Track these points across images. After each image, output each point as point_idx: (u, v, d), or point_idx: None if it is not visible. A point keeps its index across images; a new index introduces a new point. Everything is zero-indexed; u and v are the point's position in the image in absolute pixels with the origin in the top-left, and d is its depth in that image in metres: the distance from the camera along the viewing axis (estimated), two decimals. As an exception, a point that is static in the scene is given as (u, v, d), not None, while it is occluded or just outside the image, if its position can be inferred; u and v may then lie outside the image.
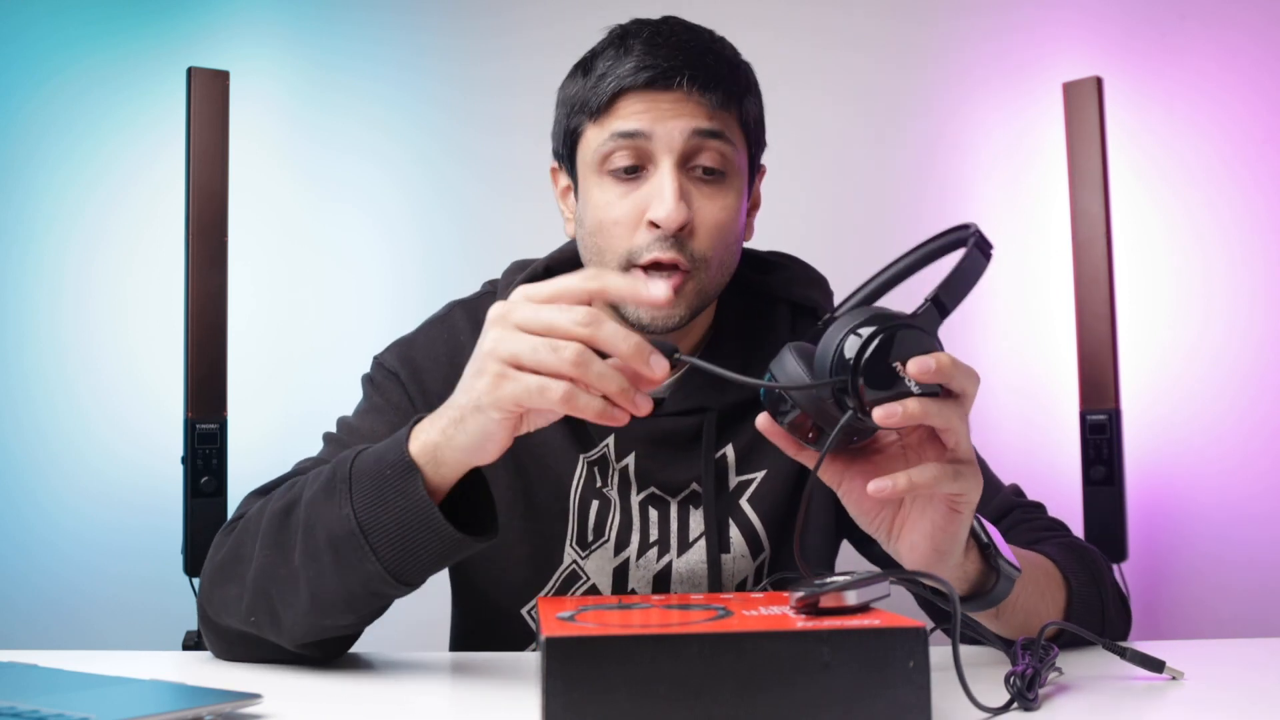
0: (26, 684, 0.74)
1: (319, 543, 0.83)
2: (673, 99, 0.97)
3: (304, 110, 2.23)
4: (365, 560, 0.81)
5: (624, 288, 0.78)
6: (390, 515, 0.80)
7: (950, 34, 2.24)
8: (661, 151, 0.97)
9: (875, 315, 0.76)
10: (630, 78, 0.97)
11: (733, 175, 1.00)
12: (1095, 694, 0.78)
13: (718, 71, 0.98)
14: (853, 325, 0.75)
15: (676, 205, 0.96)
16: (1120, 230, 2.00)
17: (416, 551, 0.81)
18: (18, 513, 2.09)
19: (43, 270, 2.14)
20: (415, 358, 1.09)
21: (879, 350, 0.74)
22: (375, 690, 0.83)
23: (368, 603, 0.84)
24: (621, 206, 0.98)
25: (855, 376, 0.74)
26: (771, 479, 1.08)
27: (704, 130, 0.97)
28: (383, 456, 0.82)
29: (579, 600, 0.86)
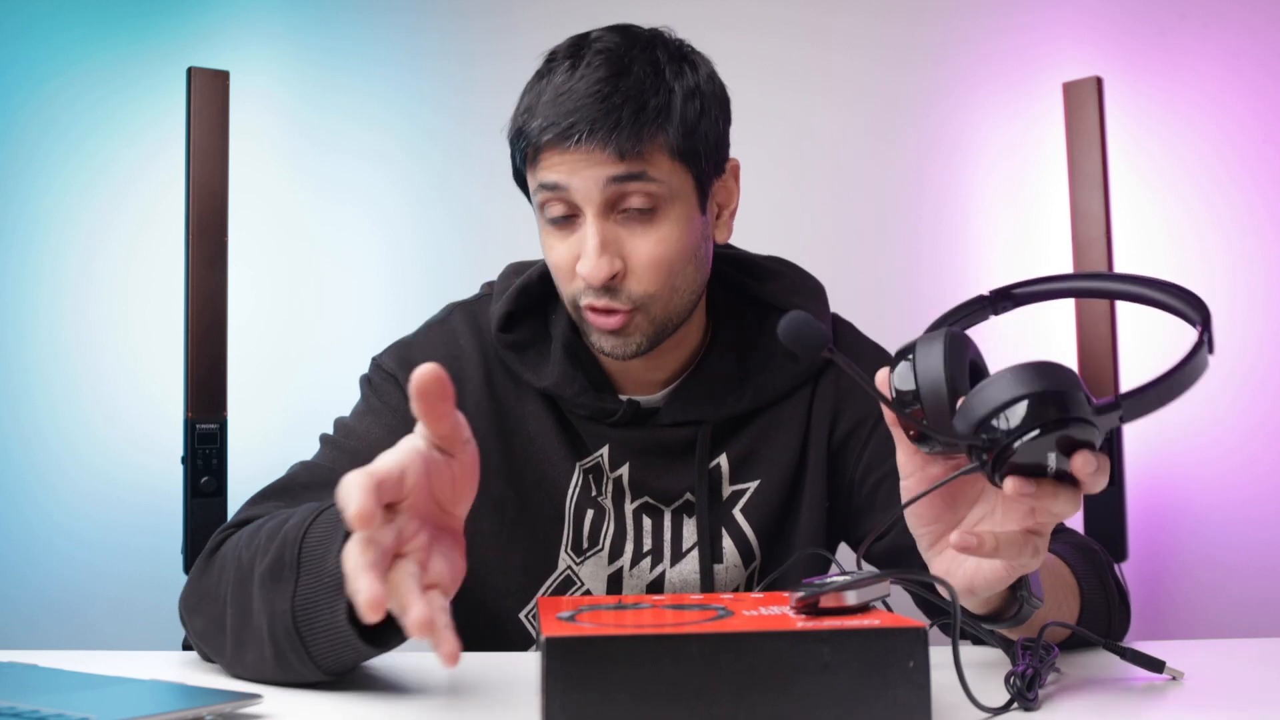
0: (26, 684, 0.74)
1: (262, 629, 0.81)
2: (581, 153, 0.95)
3: (304, 110, 2.23)
4: (301, 660, 0.79)
5: None
6: (320, 625, 0.78)
7: (950, 34, 2.24)
8: (583, 202, 0.97)
9: (1062, 390, 0.66)
10: (536, 137, 0.97)
11: (668, 206, 0.98)
12: (1095, 694, 0.78)
13: (620, 116, 0.95)
14: (1032, 387, 0.66)
15: (596, 261, 0.96)
16: (1120, 230, 2.00)
17: (344, 658, 0.79)
18: (18, 513, 2.09)
19: (43, 270, 2.14)
20: (414, 360, 1.08)
21: (1045, 433, 0.66)
22: (375, 690, 0.83)
23: (317, 680, 0.82)
24: (560, 252, 1.00)
25: (1006, 449, 0.66)
26: (764, 489, 1.08)
27: (619, 176, 0.95)
28: (325, 555, 0.78)
29: (579, 600, 0.86)
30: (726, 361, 1.08)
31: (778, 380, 1.08)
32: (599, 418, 1.06)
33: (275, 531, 0.84)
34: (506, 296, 1.09)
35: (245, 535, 0.89)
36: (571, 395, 1.05)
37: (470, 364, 1.08)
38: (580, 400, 1.05)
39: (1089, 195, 1.96)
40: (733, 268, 1.13)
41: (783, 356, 1.09)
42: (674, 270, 0.99)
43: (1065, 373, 0.67)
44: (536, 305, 1.10)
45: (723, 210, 1.07)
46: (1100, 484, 0.69)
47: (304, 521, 0.82)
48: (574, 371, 1.06)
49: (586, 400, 1.05)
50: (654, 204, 0.97)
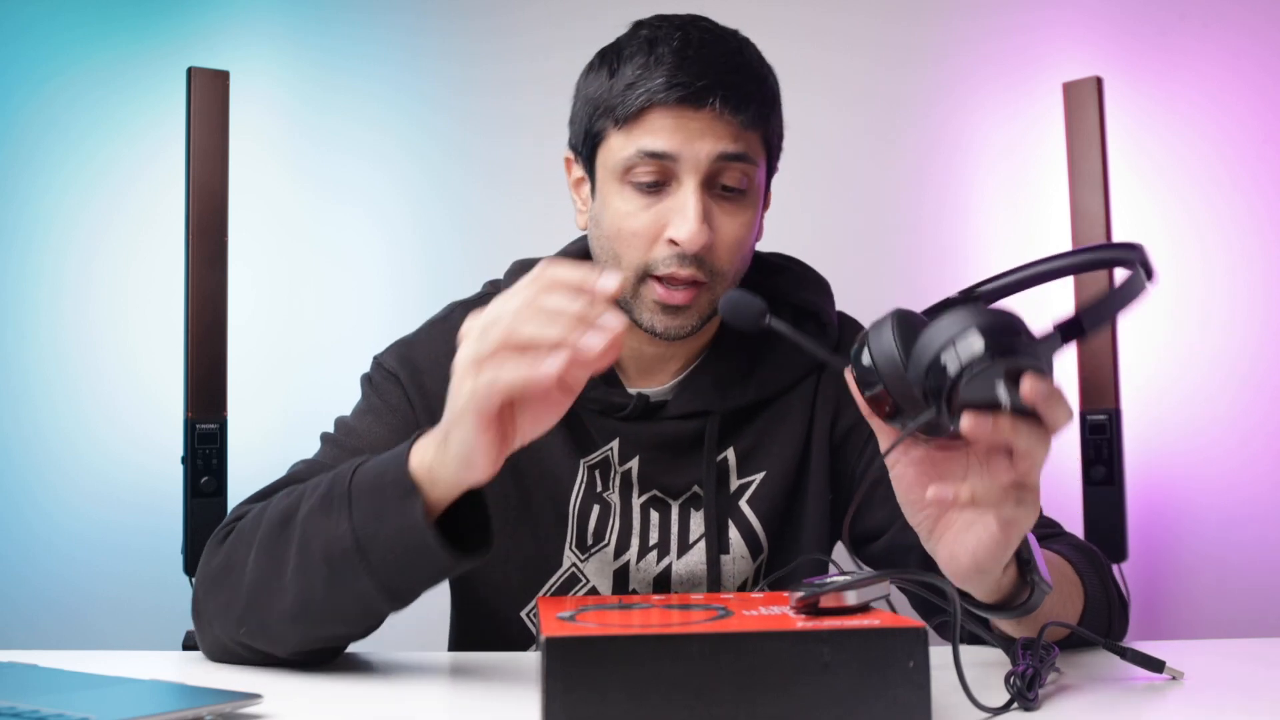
0: (26, 684, 0.74)
1: (314, 557, 0.82)
2: (702, 119, 0.95)
3: (304, 110, 2.23)
4: (359, 578, 0.80)
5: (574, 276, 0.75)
6: (387, 535, 0.79)
7: (950, 34, 2.24)
8: (687, 172, 0.97)
9: (999, 324, 0.69)
10: (662, 94, 0.95)
11: (752, 192, 1.00)
12: (1095, 694, 0.78)
13: (748, 90, 0.97)
14: (969, 324, 0.69)
15: (699, 228, 0.96)
16: (1120, 230, 2.00)
17: (411, 573, 0.80)
18: (18, 513, 2.09)
19: (43, 270, 2.14)
20: (415, 359, 1.09)
21: (987, 361, 0.68)
22: (375, 690, 0.83)
23: (360, 618, 0.84)
24: (642, 219, 0.98)
25: (954, 384, 0.69)
26: (771, 480, 1.08)
27: (730, 154, 0.97)
28: (383, 473, 0.81)
29: (579, 600, 0.86)
30: (733, 354, 1.09)
31: (783, 372, 1.09)
32: (608, 412, 1.06)
33: (313, 486, 0.86)
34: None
35: (262, 509, 0.90)
36: (584, 389, 1.05)
37: None
38: (590, 394, 1.05)
39: (1089, 195, 1.96)
40: None
41: (789, 349, 1.09)
42: (745, 254, 1.02)
43: (1001, 312, 0.70)
44: None
45: (765, 210, 1.09)
46: (1059, 414, 0.71)
47: (352, 464, 0.84)
48: None
49: (597, 394, 1.05)
50: (745, 186, 0.99)
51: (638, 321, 1.02)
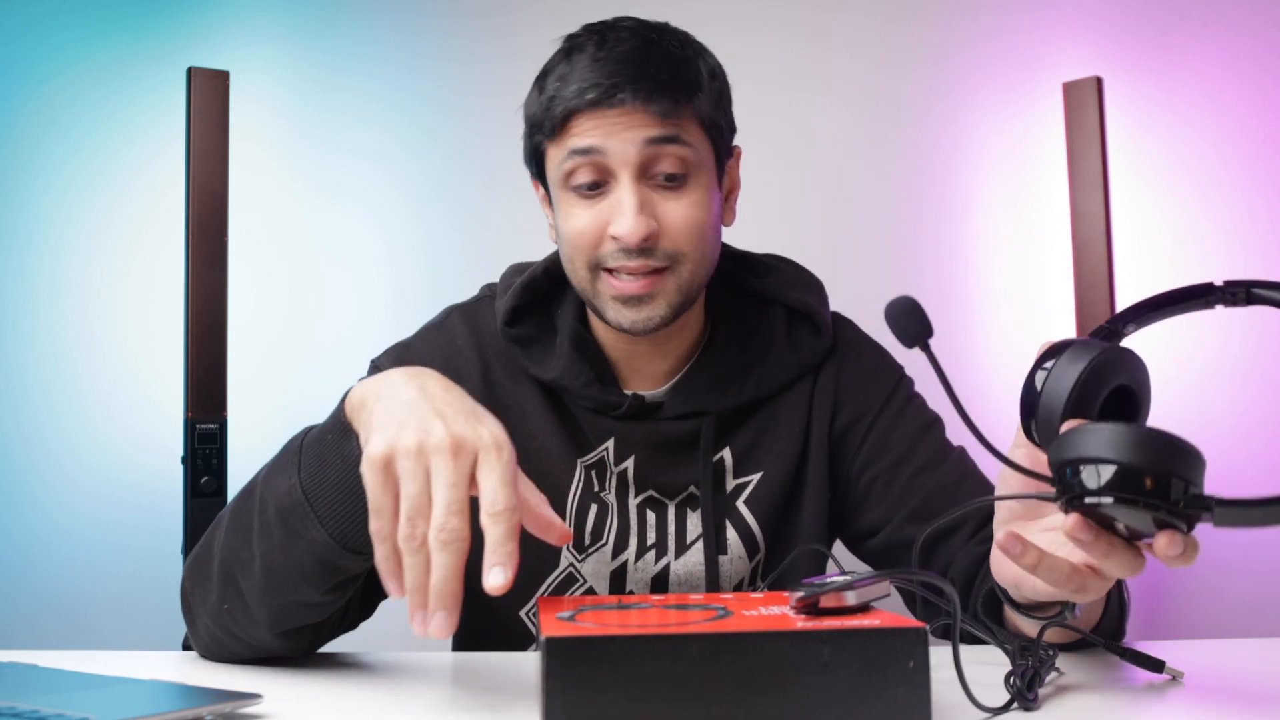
0: (26, 684, 0.74)
1: (270, 517, 0.82)
2: (620, 113, 0.97)
3: (304, 110, 2.23)
4: (311, 528, 0.79)
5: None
6: (330, 478, 0.79)
7: (950, 34, 2.24)
8: (618, 165, 0.98)
9: (1148, 471, 0.63)
10: (575, 100, 0.97)
11: (696, 174, 1.00)
12: (1095, 694, 0.78)
13: (661, 78, 0.97)
14: (1114, 459, 0.64)
15: (636, 220, 0.97)
16: (1120, 230, 2.00)
17: (358, 513, 0.77)
18: (18, 513, 2.09)
19: (43, 270, 2.14)
20: (411, 362, 1.08)
21: (1123, 497, 0.63)
22: (375, 690, 0.83)
23: (321, 576, 0.82)
24: (585, 218, 1.00)
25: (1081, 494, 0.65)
26: (768, 480, 1.08)
27: (657, 138, 0.97)
28: (328, 424, 0.82)
29: (579, 600, 0.86)
30: (728, 354, 1.09)
31: (779, 371, 1.09)
32: (604, 411, 1.06)
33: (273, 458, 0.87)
34: (512, 292, 1.09)
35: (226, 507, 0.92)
36: (578, 387, 1.06)
37: (468, 365, 1.09)
38: (586, 393, 1.05)
39: (1089, 195, 1.96)
40: (730, 263, 1.13)
41: (783, 349, 1.10)
42: (704, 235, 1.01)
43: (1170, 450, 0.63)
44: (541, 300, 1.10)
45: (730, 194, 1.09)
46: (1180, 563, 0.66)
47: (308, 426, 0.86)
48: (580, 363, 1.06)
49: (592, 393, 1.05)
50: (685, 169, 0.99)
51: (606, 319, 1.02)
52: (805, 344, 1.11)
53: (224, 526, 0.88)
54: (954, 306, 2.17)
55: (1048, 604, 0.82)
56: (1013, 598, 0.82)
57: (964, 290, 2.18)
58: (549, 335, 1.09)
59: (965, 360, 2.14)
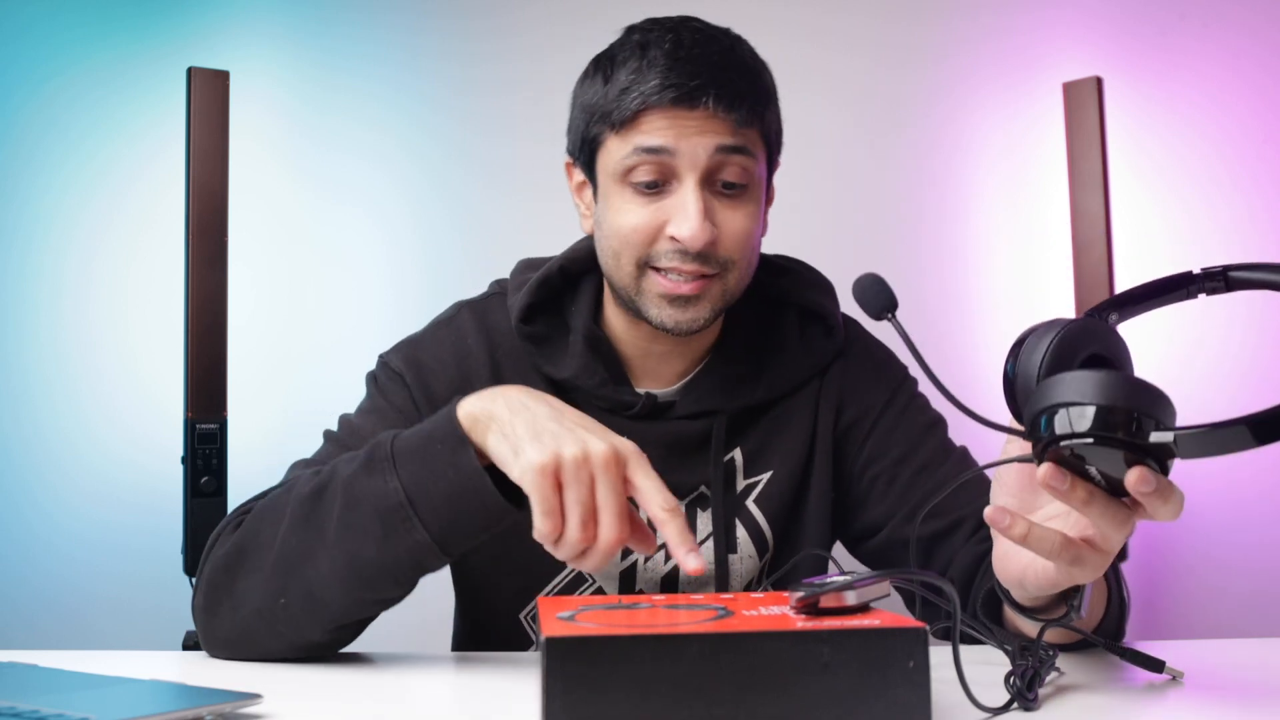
0: (26, 684, 0.74)
1: (363, 517, 0.84)
2: (698, 117, 0.96)
3: (304, 110, 2.23)
4: (414, 531, 0.83)
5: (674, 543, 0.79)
6: (439, 487, 0.82)
7: (950, 34, 2.24)
8: (686, 168, 0.97)
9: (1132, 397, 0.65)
10: (656, 95, 0.96)
11: (754, 186, 1.01)
12: (1095, 694, 0.78)
13: (741, 88, 0.98)
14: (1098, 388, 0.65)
15: (701, 225, 0.96)
16: (1120, 230, 2.00)
17: (463, 522, 0.83)
18: (18, 513, 2.09)
19: (43, 270, 2.14)
20: (422, 359, 1.08)
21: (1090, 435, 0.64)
22: (376, 690, 0.83)
23: (410, 574, 0.86)
24: (642, 215, 0.99)
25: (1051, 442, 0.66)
26: (778, 479, 1.08)
27: (728, 147, 0.97)
28: (429, 433, 0.84)
29: (579, 600, 0.86)
30: (740, 354, 1.09)
31: (791, 372, 1.09)
32: (617, 410, 1.06)
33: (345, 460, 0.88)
34: (527, 289, 1.08)
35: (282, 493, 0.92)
36: (591, 387, 1.05)
37: (478, 363, 1.08)
38: (600, 392, 1.05)
39: (1089, 195, 1.96)
40: None
41: (795, 349, 1.10)
42: (753, 246, 1.02)
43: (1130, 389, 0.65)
44: (555, 298, 1.10)
45: (769, 206, 1.09)
46: (1162, 509, 0.67)
47: (388, 435, 0.88)
48: (595, 363, 1.06)
49: (606, 392, 1.05)
50: (747, 180, 0.99)
51: (645, 318, 1.02)
52: (817, 345, 1.11)
53: (286, 526, 0.88)
54: (954, 306, 2.17)
55: (1051, 606, 0.81)
56: (1015, 599, 0.82)
57: (964, 290, 2.18)
58: (561, 334, 1.08)
59: (965, 360, 2.14)
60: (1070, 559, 0.71)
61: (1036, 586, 0.76)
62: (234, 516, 0.96)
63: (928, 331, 1.45)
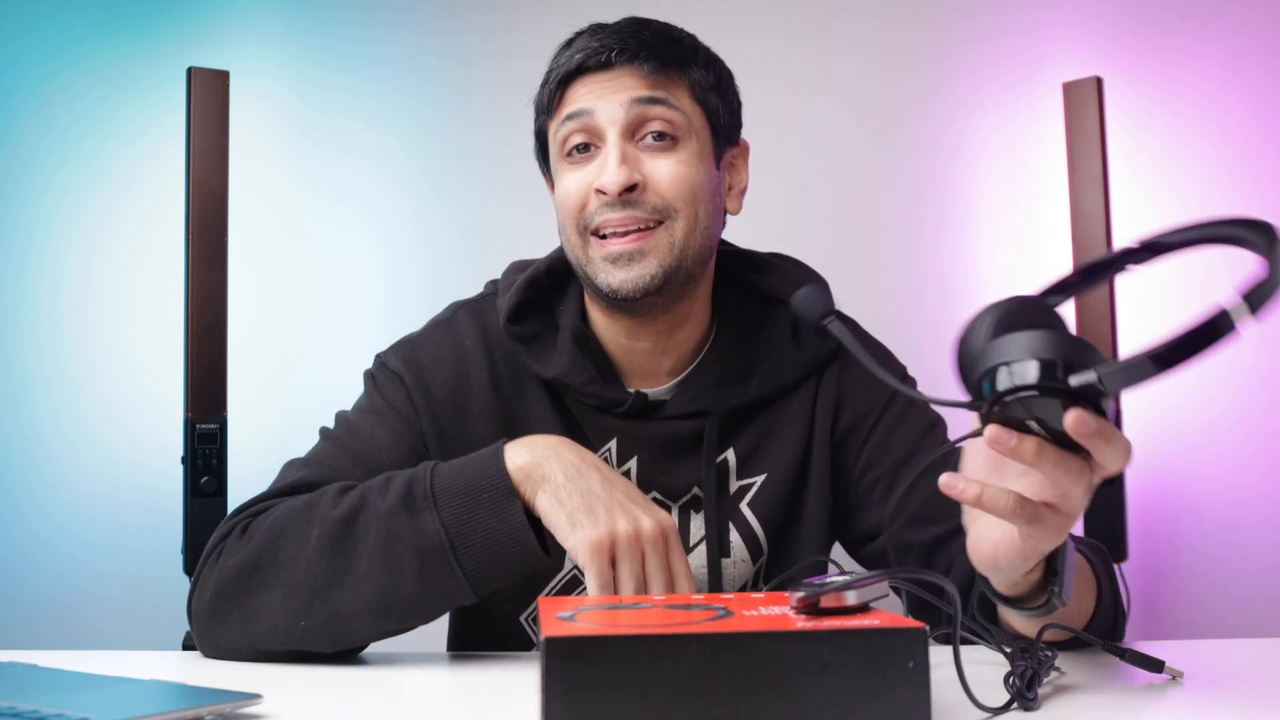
0: (26, 684, 0.74)
1: (400, 555, 0.87)
2: (610, 76, 1.01)
3: (304, 110, 2.23)
4: (453, 574, 0.87)
5: None
6: (480, 535, 0.87)
7: (950, 34, 2.24)
8: (606, 125, 1.00)
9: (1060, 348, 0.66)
10: (566, 65, 1.02)
11: (686, 138, 1.02)
12: (1095, 694, 0.78)
13: (651, 44, 1.01)
14: (1029, 343, 0.67)
15: (617, 169, 0.99)
16: (1120, 230, 2.00)
17: (501, 570, 0.88)
18: (18, 513, 2.09)
19: (43, 270, 2.14)
20: (420, 360, 1.08)
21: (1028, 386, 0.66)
22: (375, 690, 0.83)
23: (439, 610, 0.91)
24: (574, 180, 1.02)
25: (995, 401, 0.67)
26: (771, 483, 1.08)
27: (644, 98, 1.00)
28: (473, 478, 0.89)
29: (579, 600, 0.86)
30: (732, 353, 1.09)
31: (783, 372, 1.09)
32: (606, 408, 1.06)
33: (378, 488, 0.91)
34: (515, 288, 1.09)
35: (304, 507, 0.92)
36: (579, 384, 1.05)
37: (476, 364, 1.08)
38: (588, 389, 1.05)
39: (1089, 195, 1.96)
40: (735, 262, 1.13)
41: (788, 349, 1.09)
42: (695, 196, 1.01)
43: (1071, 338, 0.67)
44: (544, 298, 1.10)
45: (734, 185, 1.10)
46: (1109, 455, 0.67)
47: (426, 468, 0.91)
48: (583, 360, 1.06)
49: (595, 389, 1.05)
50: (674, 132, 1.01)
51: (600, 288, 1.02)
52: (810, 344, 1.10)
53: (313, 545, 0.90)
54: (954, 306, 2.17)
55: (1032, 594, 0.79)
56: (998, 590, 0.80)
57: (964, 290, 2.18)
58: (550, 332, 1.08)
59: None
60: (1027, 517, 0.70)
61: (1009, 564, 0.74)
62: (238, 519, 0.96)
63: (927, 331, 1.45)
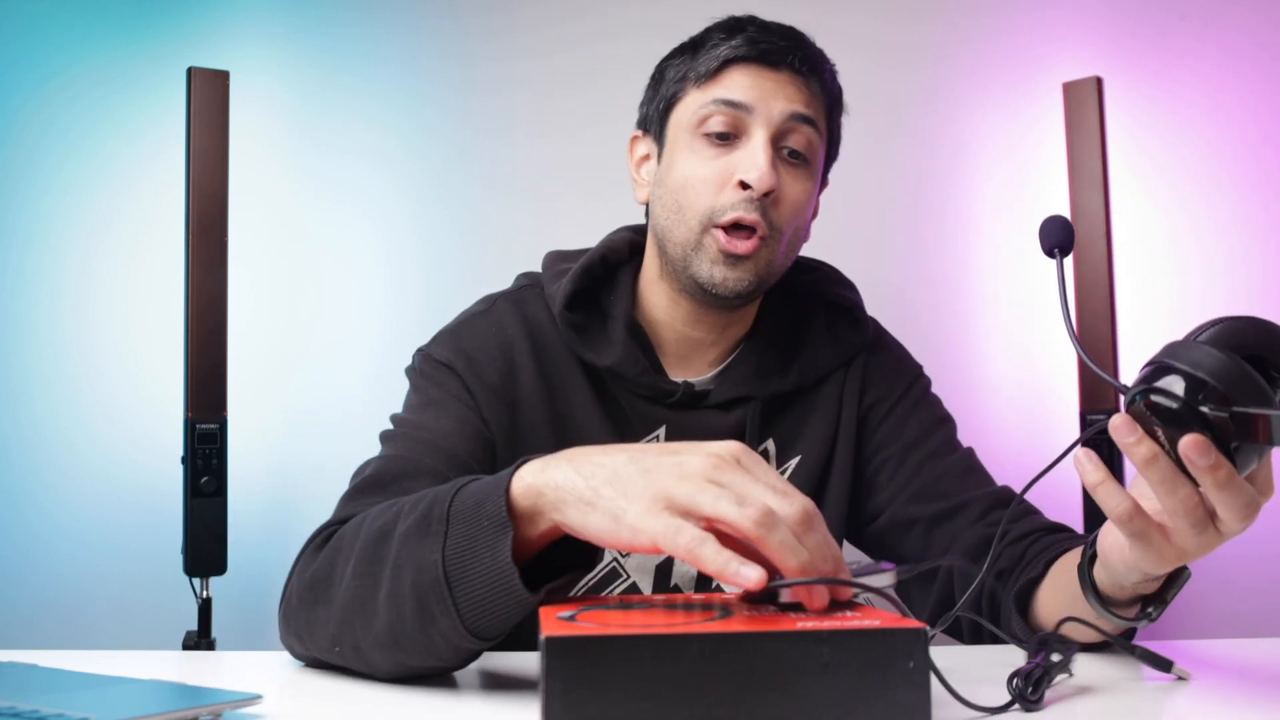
0: (26, 684, 0.74)
1: (404, 584, 0.75)
2: (777, 78, 1.02)
3: (304, 110, 2.23)
4: (446, 613, 0.73)
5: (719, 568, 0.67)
6: (476, 571, 0.73)
7: (950, 34, 2.24)
8: (758, 124, 1.01)
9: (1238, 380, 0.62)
10: (743, 49, 1.01)
11: (814, 162, 1.05)
12: (1103, 693, 0.78)
13: (821, 64, 1.05)
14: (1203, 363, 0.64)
15: (769, 169, 1.00)
16: (1120, 230, 2.00)
17: (494, 611, 0.73)
18: (18, 513, 2.09)
19: (43, 270, 2.14)
20: (467, 349, 1.07)
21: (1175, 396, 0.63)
22: (375, 690, 0.83)
23: (450, 654, 0.77)
24: (712, 166, 1.02)
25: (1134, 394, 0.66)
26: (805, 464, 1.11)
27: (800, 114, 1.02)
28: (483, 500, 0.74)
29: (579, 600, 0.86)
30: (773, 343, 1.12)
31: (820, 362, 1.13)
32: (657, 399, 1.07)
33: (414, 500, 0.79)
34: (572, 276, 1.09)
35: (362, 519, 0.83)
36: (634, 374, 1.06)
37: (522, 354, 1.08)
38: (641, 380, 1.06)
39: (1089, 195, 1.96)
40: None
41: (824, 340, 1.14)
42: (802, 220, 1.06)
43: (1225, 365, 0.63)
44: (595, 287, 1.11)
45: (821, 191, 1.13)
46: (1221, 498, 0.65)
47: (455, 485, 0.77)
48: (636, 351, 1.07)
49: (648, 380, 1.06)
50: (809, 152, 1.04)
51: (697, 277, 1.03)
52: (844, 337, 1.15)
53: (351, 565, 0.80)
54: (954, 306, 2.17)
55: (1127, 603, 0.81)
56: (1098, 583, 0.80)
57: (964, 290, 2.18)
58: (599, 321, 1.09)
59: (965, 360, 2.14)
60: (1133, 530, 0.69)
61: (1122, 568, 0.75)
62: (329, 525, 0.90)
63: (927, 331, 1.45)
